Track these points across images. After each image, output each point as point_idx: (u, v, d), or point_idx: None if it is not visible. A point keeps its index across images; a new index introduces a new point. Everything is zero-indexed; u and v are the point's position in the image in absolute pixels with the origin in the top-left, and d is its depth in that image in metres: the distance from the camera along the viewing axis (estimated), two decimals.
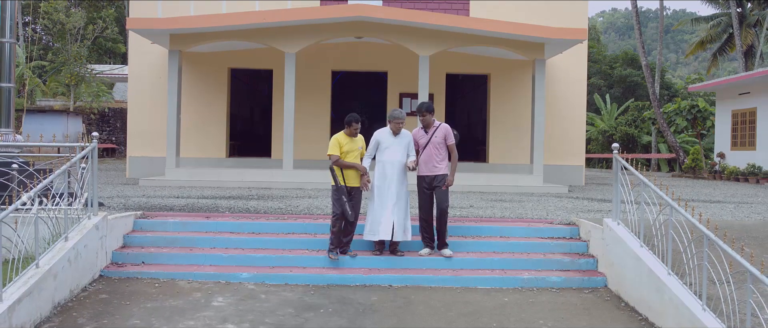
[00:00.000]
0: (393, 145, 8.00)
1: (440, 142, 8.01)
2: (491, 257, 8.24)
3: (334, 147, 7.88)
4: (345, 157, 7.86)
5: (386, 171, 7.98)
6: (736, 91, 22.81)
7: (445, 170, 8.00)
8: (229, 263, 7.99)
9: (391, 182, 7.95)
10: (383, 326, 6.29)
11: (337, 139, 7.93)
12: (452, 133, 8.12)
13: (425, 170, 8.04)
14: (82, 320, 6.23)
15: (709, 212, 10.75)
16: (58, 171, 6.95)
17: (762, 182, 19.82)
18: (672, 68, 76.41)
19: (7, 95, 9.41)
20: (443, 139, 8.03)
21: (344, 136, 7.94)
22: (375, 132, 8.13)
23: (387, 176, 7.97)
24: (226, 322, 6.26)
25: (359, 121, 7.94)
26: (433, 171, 7.99)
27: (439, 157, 8.00)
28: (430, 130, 8.06)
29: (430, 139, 8.01)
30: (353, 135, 7.96)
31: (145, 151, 18.00)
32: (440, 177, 7.97)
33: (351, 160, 7.89)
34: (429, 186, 8.03)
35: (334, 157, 7.86)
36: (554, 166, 18.15)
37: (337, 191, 7.85)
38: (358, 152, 7.98)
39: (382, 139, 8.04)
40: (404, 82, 18.26)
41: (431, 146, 8.00)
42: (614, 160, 7.88)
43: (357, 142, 8.01)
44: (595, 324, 6.51)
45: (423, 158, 8.05)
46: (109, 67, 37.28)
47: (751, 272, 5.00)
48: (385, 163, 8.01)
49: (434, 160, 8.00)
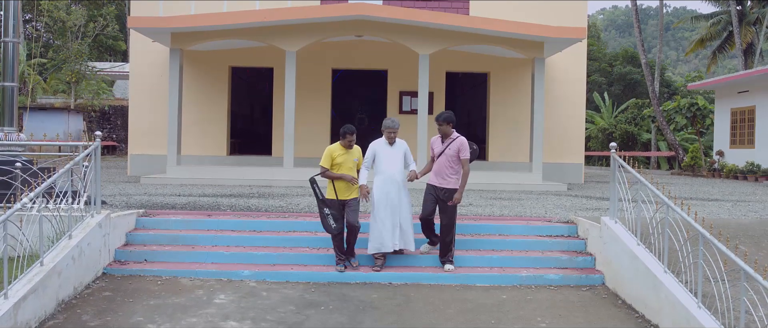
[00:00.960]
0: (390, 155, 7.87)
1: (454, 155, 7.80)
2: (490, 255, 8.33)
3: (326, 159, 7.75)
4: (338, 169, 7.70)
5: (385, 183, 7.82)
6: (735, 89, 22.87)
7: (455, 183, 7.82)
8: (231, 260, 8.08)
9: (390, 194, 7.78)
10: (383, 323, 6.38)
11: (330, 150, 7.78)
12: (468, 149, 7.89)
13: (435, 180, 7.91)
14: (87, 317, 6.32)
15: (707, 210, 10.83)
16: (61, 170, 7.03)
17: (761, 180, 19.89)
18: (672, 65, 76.47)
19: (10, 94, 9.49)
20: (457, 152, 7.80)
21: (339, 148, 7.79)
22: (371, 143, 7.97)
23: (386, 188, 7.80)
24: (228, 319, 6.34)
25: (354, 133, 7.75)
26: (442, 183, 7.83)
27: (451, 169, 7.82)
28: (447, 141, 7.88)
29: (445, 150, 7.83)
30: (348, 146, 7.79)
31: (147, 149, 18.08)
32: (449, 191, 7.80)
33: (344, 172, 7.71)
34: (436, 195, 7.90)
35: (323, 170, 7.74)
36: (554, 164, 18.23)
37: (319, 203, 7.71)
38: (354, 164, 7.81)
39: (378, 150, 7.89)
40: (404, 81, 18.33)
41: (444, 157, 7.83)
42: (612, 159, 7.96)
43: (352, 153, 7.84)
44: (592, 321, 6.60)
45: (435, 168, 7.92)
46: (110, 64, 37.35)
47: (745, 270, 5.09)
48: (383, 174, 7.86)
49: (445, 172, 7.83)
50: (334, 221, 7.62)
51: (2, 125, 9.50)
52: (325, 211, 7.63)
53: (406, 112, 18.37)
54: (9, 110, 9.51)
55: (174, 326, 6.12)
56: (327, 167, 7.71)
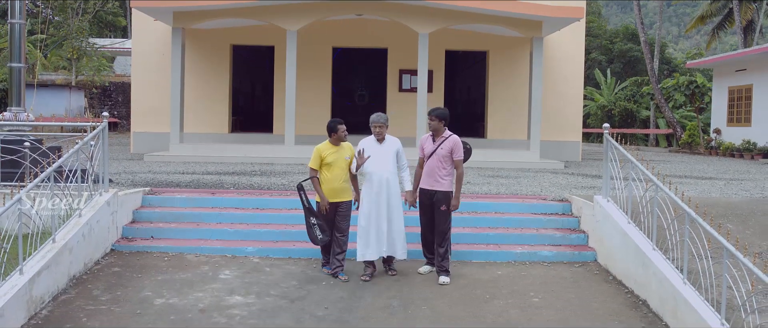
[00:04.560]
0: (379, 154, 7.18)
1: (446, 156, 7.15)
2: (486, 232, 8.59)
3: (314, 159, 7.19)
4: (329, 169, 7.12)
5: (374, 184, 7.15)
6: (732, 67, 23.01)
7: (448, 186, 7.19)
8: (235, 237, 8.35)
9: (380, 195, 7.13)
10: (382, 297, 6.65)
11: (319, 150, 7.20)
12: (461, 148, 7.26)
13: (427, 183, 7.24)
14: (97, 291, 6.59)
15: (699, 189, 11.07)
16: (71, 151, 7.26)
17: (756, 158, 20.12)
18: (674, 41, 76.21)
19: (17, 75, 9.68)
20: (450, 152, 7.15)
21: (328, 146, 7.21)
22: (359, 141, 7.28)
23: (375, 189, 7.15)
24: (233, 293, 6.62)
25: (343, 123, 7.20)
26: (434, 186, 7.18)
27: (443, 171, 7.16)
28: (439, 139, 7.22)
29: (436, 150, 7.18)
30: (337, 143, 7.21)
31: (149, 126, 18.29)
32: (442, 194, 7.17)
33: (336, 172, 7.12)
34: (429, 201, 7.26)
35: (312, 173, 7.23)
36: (551, 142, 18.41)
37: (306, 212, 7.18)
38: (345, 163, 7.19)
39: (367, 149, 7.19)
40: (404, 59, 18.45)
41: (436, 158, 7.17)
42: (605, 139, 8.17)
43: (343, 151, 7.22)
44: (582, 296, 6.87)
45: (426, 170, 7.26)
46: (110, 41, 37.40)
47: (726, 248, 5.33)
48: (371, 174, 7.16)
49: (438, 174, 7.17)
50: (321, 232, 7.09)
51: (10, 105, 9.70)
52: (312, 220, 7.10)
53: (405, 90, 18.53)
54: (16, 90, 9.70)
55: (182, 300, 6.39)
56: (316, 167, 7.19)
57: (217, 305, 6.28)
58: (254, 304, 6.34)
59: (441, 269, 7.24)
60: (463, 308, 6.41)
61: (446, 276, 7.17)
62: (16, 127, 9.45)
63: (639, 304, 6.63)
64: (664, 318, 6.18)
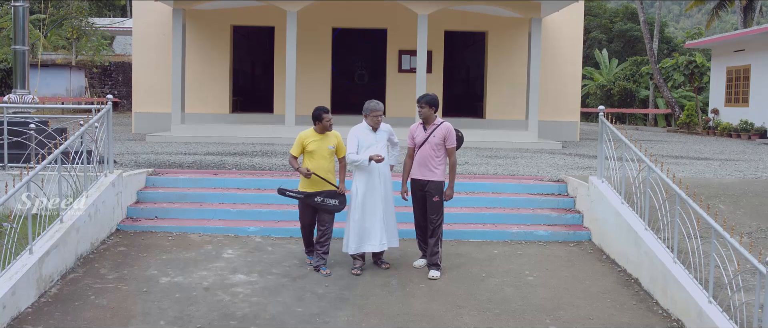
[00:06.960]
0: (374, 143, 6.88)
1: (439, 144, 6.86)
2: (483, 212, 8.77)
3: (296, 146, 6.88)
4: (310, 157, 6.81)
5: (371, 175, 6.88)
6: (731, 48, 23.08)
7: (441, 176, 6.91)
8: (237, 217, 8.53)
9: (375, 187, 6.90)
10: (380, 275, 6.85)
11: (301, 137, 6.88)
12: (454, 136, 6.99)
13: (419, 173, 6.94)
14: (104, 270, 6.78)
15: (694, 169, 11.24)
16: (77, 133, 7.40)
17: (753, 138, 20.27)
18: (675, 19, 75.90)
19: (21, 57, 9.80)
20: (442, 140, 6.86)
21: (312, 133, 6.86)
22: (352, 129, 6.93)
23: (371, 180, 6.89)
24: (236, 272, 6.81)
25: (328, 111, 6.83)
26: (427, 176, 6.88)
27: (436, 160, 6.88)
28: (430, 127, 6.92)
29: (428, 138, 6.87)
30: (322, 131, 6.86)
31: (151, 107, 18.42)
32: (435, 184, 6.87)
33: (319, 162, 6.80)
34: (421, 191, 6.98)
35: (291, 159, 6.94)
36: (550, 122, 18.56)
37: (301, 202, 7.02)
38: (329, 153, 6.85)
39: (362, 137, 6.88)
40: (403, 39, 18.51)
41: (428, 146, 6.87)
42: (600, 122, 8.31)
43: (328, 139, 6.88)
44: (576, 275, 7.06)
45: (417, 159, 6.95)
46: (110, 20, 37.31)
47: (714, 229, 5.51)
48: (370, 166, 6.86)
49: (431, 163, 6.87)
50: (331, 199, 6.89)
51: (15, 87, 9.83)
52: (317, 199, 6.85)
53: (405, 70, 18.62)
54: (21, 73, 9.83)
55: (186, 278, 6.58)
56: (296, 155, 6.89)
57: (221, 283, 6.48)
58: (257, 282, 6.53)
59: (431, 264, 6.96)
60: (459, 285, 6.61)
61: (436, 270, 6.89)
62: (22, 110, 9.59)
63: (631, 282, 6.83)
64: (655, 296, 6.38)
